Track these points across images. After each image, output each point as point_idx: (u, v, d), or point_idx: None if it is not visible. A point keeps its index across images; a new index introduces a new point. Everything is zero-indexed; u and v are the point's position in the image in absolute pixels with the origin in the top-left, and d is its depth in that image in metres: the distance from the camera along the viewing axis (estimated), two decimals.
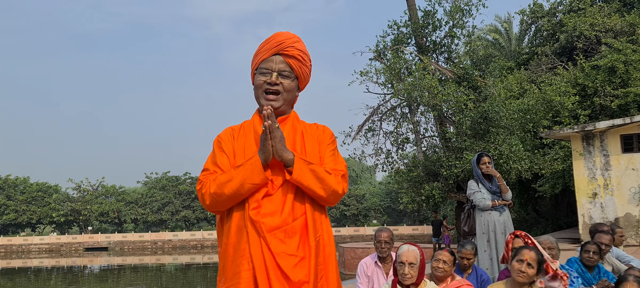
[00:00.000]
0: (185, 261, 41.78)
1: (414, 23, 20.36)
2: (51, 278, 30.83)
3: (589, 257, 5.19)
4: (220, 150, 2.41)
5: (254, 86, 2.49)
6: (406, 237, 51.07)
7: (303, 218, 2.34)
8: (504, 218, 6.55)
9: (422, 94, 18.00)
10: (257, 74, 2.48)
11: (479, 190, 6.63)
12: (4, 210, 65.40)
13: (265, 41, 2.51)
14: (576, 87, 20.84)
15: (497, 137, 17.68)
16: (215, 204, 2.30)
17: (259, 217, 2.26)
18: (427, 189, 18.80)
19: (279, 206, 2.31)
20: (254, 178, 2.26)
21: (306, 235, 2.33)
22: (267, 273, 2.21)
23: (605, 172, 15.41)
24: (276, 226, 2.27)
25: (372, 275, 5.45)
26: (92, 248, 58.59)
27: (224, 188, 2.26)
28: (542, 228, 25.33)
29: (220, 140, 2.45)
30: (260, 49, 2.51)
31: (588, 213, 15.48)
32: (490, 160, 6.73)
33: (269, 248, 2.23)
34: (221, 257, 2.38)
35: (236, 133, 2.47)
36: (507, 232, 6.42)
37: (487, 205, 6.54)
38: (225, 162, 2.38)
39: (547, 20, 27.60)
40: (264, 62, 2.47)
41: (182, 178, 69.43)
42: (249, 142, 2.44)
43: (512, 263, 3.91)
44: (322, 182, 2.33)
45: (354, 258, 18.27)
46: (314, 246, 2.32)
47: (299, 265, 2.25)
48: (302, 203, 2.36)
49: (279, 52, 2.47)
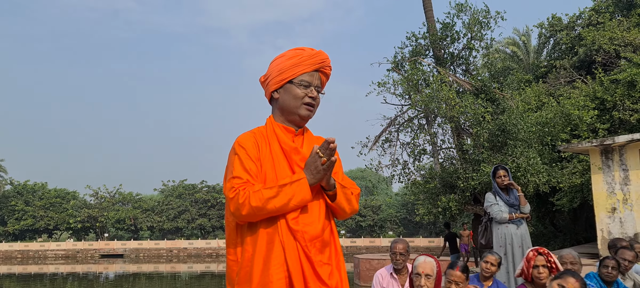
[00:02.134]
0: (200, 269, 41.88)
1: (432, 35, 20.35)
2: (66, 284, 31.10)
3: (608, 273, 5.12)
4: (247, 157, 2.41)
5: (289, 94, 2.51)
6: (422, 249, 50.75)
7: (329, 229, 2.47)
8: (521, 231, 6.50)
9: (440, 105, 17.95)
10: (294, 84, 2.51)
11: (496, 203, 6.63)
12: (22, 215, 66.26)
13: (308, 55, 2.55)
14: (595, 101, 20.63)
15: (514, 149, 17.55)
16: (252, 216, 2.31)
17: (299, 227, 2.34)
18: (443, 201, 18.69)
19: (315, 217, 2.41)
20: (301, 199, 2.33)
21: (333, 244, 2.47)
22: (305, 280, 2.29)
23: (625, 187, 15.19)
24: (316, 235, 2.37)
25: (388, 287, 5.43)
26: (107, 255, 59.05)
27: (268, 204, 2.28)
28: (560, 243, 25.00)
29: (243, 147, 2.43)
30: (300, 61, 2.52)
31: (607, 228, 15.26)
32: (506, 173, 6.71)
33: (308, 256, 2.31)
34: (243, 264, 2.37)
35: (257, 140, 2.48)
36: (524, 245, 6.37)
37: (503, 218, 6.52)
38: (254, 169, 2.39)
39: (566, 33, 27.42)
40: (306, 75, 2.52)
41: (198, 187, 69.82)
42: (274, 151, 2.46)
43: (552, 283, 3.84)
44: (350, 204, 2.54)
45: (369, 269, 18.20)
46: (338, 255, 2.47)
47: (332, 273, 2.39)
48: (327, 215, 2.49)
49: (319, 69, 2.57)
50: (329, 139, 2.32)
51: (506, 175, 6.68)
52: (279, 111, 2.56)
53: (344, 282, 2.45)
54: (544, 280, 4.67)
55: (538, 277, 4.68)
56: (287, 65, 2.52)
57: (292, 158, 2.45)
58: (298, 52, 2.56)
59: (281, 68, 2.53)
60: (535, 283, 4.73)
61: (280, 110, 2.55)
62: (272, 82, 2.55)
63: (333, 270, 2.40)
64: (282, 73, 2.52)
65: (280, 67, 2.53)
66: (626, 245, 6.09)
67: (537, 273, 4.67)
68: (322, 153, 2.32)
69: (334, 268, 2.41)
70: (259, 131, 2.52)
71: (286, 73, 2.51)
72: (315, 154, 2.33)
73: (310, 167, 2.35)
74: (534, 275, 4.71)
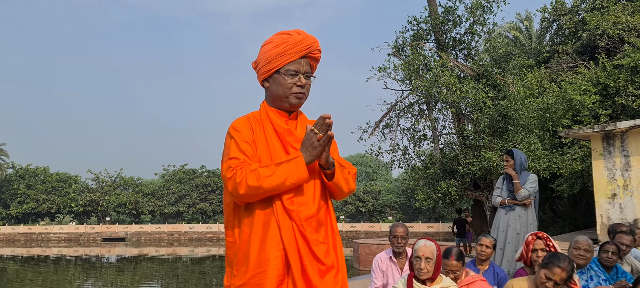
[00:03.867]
0: (201, 253, 42.13)
1: (433, 19, 20.24)
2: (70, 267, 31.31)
3: (608, 258, 5.13)
4: (243, 139, 2.43)
5: (278, 84, 2.50)
6: (421, 235, 50.93)
7: (325, 209, 2.49)
8: (509, 216, 6.57)
9: (441, 90, 17.90)
10: (281, 74, 2.48)
11: (500, 187, 6.79)
12: (24, 199, 66.54)
13: (293, 43, 2.49)
14: (597, 86, 20.55)
15: (515, 135, 17.54)
16: (250, 196, 2.32)
17: (294, 207, 2.36)
18: (443, 187, 18.71)
19: (310, 197, 2.42)
20: (298, 178, 2.33)
21: (330, 224, 2.49)
22: (301, 258, 2.32)
23: (625, 173, 15.19)
24: (311, 215, 2.39)
25: (387, 270, 5.46)
26: (109, 238, 59.38)
27: (265, 183, 2.28)
28: (559, 228, 25.10)
29: (238, 130, 2.45)
30: (285, 49, 2.48)
31: (606, 213, 15.28)
32: (510, 158, 6.74)
33: (304, 235, 2.34)
34: (241, 245, 2.39)
35: (252, 124, 2.50)
36: (510, 230, 6.47)
37: (496, 202, 6.75)
38: (250, 151, 2.41)
39: (570, 18, 27.24)
40: (292, 64, 2.49)
41: (199, 171, 70.00)
42: (268, 133, 2.48)
43: (540, 271, 3.87)
44: (347, 183, 2.54)
45: (368, 254, 18.27)
46: (335, 234, 2.49)
47: (328, 252, 2.41)
48: (323, 195, 2.50)
49: (307, 55, 2.53)
50: (324, 115, 2.32)
51: (509, 160, 6.70)
52: (271, 99, 2.56)
53: (340, 261, 2.46)
54: None
55: (536, 261, 4.70)
56: (273, 54, 2.49)
57: (286, 139, 2.46)
58: (284, 39, 2.51)
59: (268, 57, 2.50)
60: (534, 267, 4.75)
61: (272, 99, 2.56)
62: (260, 72, 2.55)
63: (329, 249, 2.42)
64: (269, 63, 2.50)
65: (266, 56, 2.51)
66: (625, 230, 6.11)
67: (536, 257, 4.69)
68: (318, 130, 2.33)
69: (330, 248, 2.43)
70: (253, 116, 2.55)
71: (272, 63, 2.49)
72: (311, 131, 2.34)
73: (306, 145, 2.36)
74: (532, 259, 4.74)
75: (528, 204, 6.56)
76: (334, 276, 2.39)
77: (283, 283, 2.32)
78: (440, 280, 4.05)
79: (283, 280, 2.32)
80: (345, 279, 2.47)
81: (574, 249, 5.13)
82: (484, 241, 5.38)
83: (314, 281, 2.31)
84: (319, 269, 2.34)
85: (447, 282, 4.08)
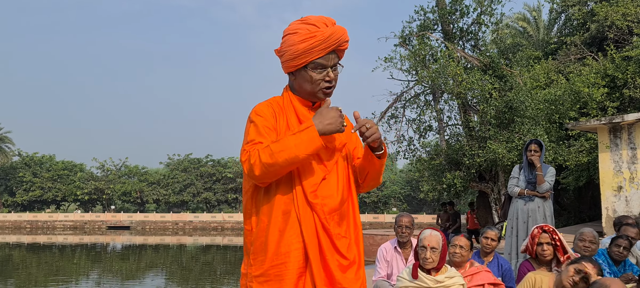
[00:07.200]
0: (205, 242, 42.28)
1: (441, 9, 20.07)
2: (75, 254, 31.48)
3: (619, 252, 5.08)
4: (265, 124, 2.34)
5: (305, 80, 2.40)
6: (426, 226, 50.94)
7: (349, 202, 2.43)
8: (529, 207, 6.48)
9: (447, 81, 17.81)
10: (308, 70, 2.37)
11: (517, 177, 6.68)
12: (30, 186, 66.97)
13: (322, 39, 2.34)
14: (605, 78, 20.37)
15: (521, 127, 17.43)
16: (267, 174, 2.23)
17: (318, 200, 2.29)
18: (448, 178, 18.66)
19: (334, 190, 2.36)
20: (313, 147, 2.24)
21: (353, 218, 2.43)
22: (322, 252, 2.27)
23: (632, 166, 15.09)
24: (334, 208, 2.33)
25: (392, 260, 5.44)
26: (114, 226, 59.67)
27: (279, 157, 2.19)
28: (564, 221, 25.00)
29: (260, 115, 2.36)
30: (312, 45, 2.33)
31: (612, 206, 15.20)
32: (538, 148, 6.60)
33: (326, 229, 2.28)
34: (258, 234, 2.33)
35: (274, 110, 2.41)
36: (531, 221, 6.36)
37: (514, 192, 6.63)
38: (271, 137, 2.33)
39: (578, 9, 26.96)
40: (320, 59, 2.37)
41: (203, 161, 70.21)
42: (291, 121, 2.40)
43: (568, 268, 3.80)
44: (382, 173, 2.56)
45: (373, 245, 18.23)
46: (357, 229, 2.44)
47: (350, 247, 2.36)
48: (348, 188, 2.44)
49: (335, 49, 2.41)
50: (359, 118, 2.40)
51: (538, 151, 6.57)
52: (296, 89, 2.47)
53: (361, 258, 2.41)
54: (547, 258, 4.65)
55: (542, 254, 4.66)
56: (299, 49, 2.34)
57: None
58: (311, 33, 2.34)
59: (293, 52, 2.36)
60: (539, 260, 4.71)
61: (298, 90, 2.46)
62: (285, 65, 2.44)
63: (351, 243, 2.37)
64: (295, 58, 2.37)
65: (293, 50, 2.36)
66: (631, 222, 6.08)
67: (541, 250, 4.65)
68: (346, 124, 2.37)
69: (352, 242, 2.38)
70: (276, 101, 2.45)
71: (299, 59, 2.36)
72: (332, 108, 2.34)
73: (321, 114, 2.30)
74: (538, 252, 4.70)
75: (547, 197, 6.50)
76: (355, 271, 2.34)
77: (302, 276, 2.27)
78: (445, 270, 4.03)
79: (303, 273, 2.27)
80: (364, 275, 2.42)
81: (579, 241, 5.10)
82: (489, 234, 5.32)
83: (336, 276, 2.26)
84: (340, 264, 2.29)
85: (452, 271, 4.06)
